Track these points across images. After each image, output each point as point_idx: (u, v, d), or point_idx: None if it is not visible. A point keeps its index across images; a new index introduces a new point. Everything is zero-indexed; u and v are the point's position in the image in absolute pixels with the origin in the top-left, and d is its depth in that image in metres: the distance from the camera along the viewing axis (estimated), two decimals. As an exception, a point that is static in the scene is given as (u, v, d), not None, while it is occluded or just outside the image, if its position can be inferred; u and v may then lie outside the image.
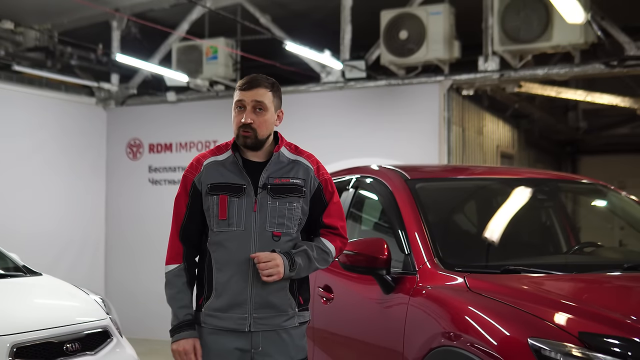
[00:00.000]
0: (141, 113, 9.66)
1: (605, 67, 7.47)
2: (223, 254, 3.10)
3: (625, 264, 3.75)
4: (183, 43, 9.16)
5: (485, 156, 9.48)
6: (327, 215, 3.22)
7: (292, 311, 3.15)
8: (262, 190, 3.10)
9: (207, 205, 3.13)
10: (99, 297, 4.53)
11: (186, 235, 3.20)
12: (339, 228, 3.24)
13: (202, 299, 3.17)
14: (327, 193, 3.22)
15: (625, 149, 14.01)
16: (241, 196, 3.09)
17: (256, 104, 3.09)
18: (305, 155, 3.25)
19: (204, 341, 3.14)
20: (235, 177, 3.12)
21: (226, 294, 3.09)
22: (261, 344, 3.09)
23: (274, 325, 3.11)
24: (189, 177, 3.19)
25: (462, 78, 7.97)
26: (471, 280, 3.40)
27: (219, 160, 3.18)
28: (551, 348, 2.74)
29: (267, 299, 3.08)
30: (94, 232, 9.59)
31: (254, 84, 3.12)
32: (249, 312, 3.07)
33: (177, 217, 3.21)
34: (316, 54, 8.04)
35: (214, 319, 3.11)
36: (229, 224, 3.08)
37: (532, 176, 4.83)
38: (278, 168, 3.14)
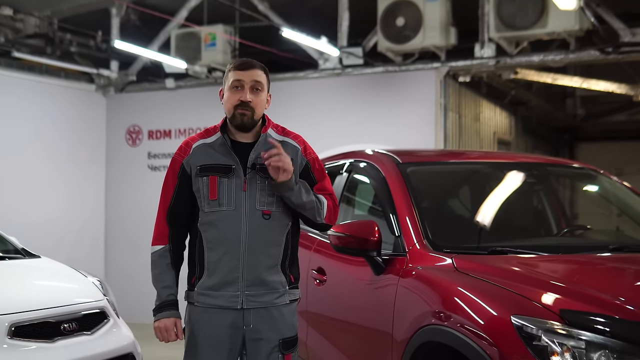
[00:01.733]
0: (140, 100, 9.72)
1: (600, 53, 7.51)
2: (214, 233, 3.17)
3: (610, 245, 3.83)
4: (182, 30, 9.20)
5: (482, 143, 9.53)
6: (317, 188, 3.29)
7: (283, 289, 3.22)
8: (251, 170, 3.17)
9: (197, 186, 3.20)
10: (96, 279, 4.61)
11: (173, 217, 3.27)
12: (331, 193, 3.32)
13: (195, 278, 3.24)
14: (315, 172, 3.30)
15: (623, 136, 14.03)
16: (230, 176, 3.16)
17: (255, 84, 3.17)
18: (292, 135, 3.32)
19: (197, 319, 3.21)
20: (224, 158, 3.19)
21: (218, 273, 3.16)
22: (252, 321, 3.16)
23: (266, 302, 3.17)
24: (178, 160, 3.26)
25: (459, 65, 8.02)
26: (458, 261, 3.47)
27: (207, 142, 3.25)
28: (533, 325, 2.81)
29: (258, 276, 3.16)
30: (93, 219, 9.66)
31: (252, 65, 3.20)
32: (241, 290, 3.15)
33: (164, 199, 3.29)
34: (314, 40, 8.09)
35: (207, 298, 3.18)
36: (220, 204, 3.15)
37: (522, 160, 4.90)
38: (266, 149, 3.19)
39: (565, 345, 2.72)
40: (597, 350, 2.69)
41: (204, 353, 3.18)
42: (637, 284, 3.40)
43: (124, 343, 4.24)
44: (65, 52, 9.37)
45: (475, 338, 2.98)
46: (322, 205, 3.26)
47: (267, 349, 3.18)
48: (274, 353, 3.18)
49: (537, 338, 2.78)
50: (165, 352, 7.43)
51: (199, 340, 3.20)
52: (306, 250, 4.63)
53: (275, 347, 3.18)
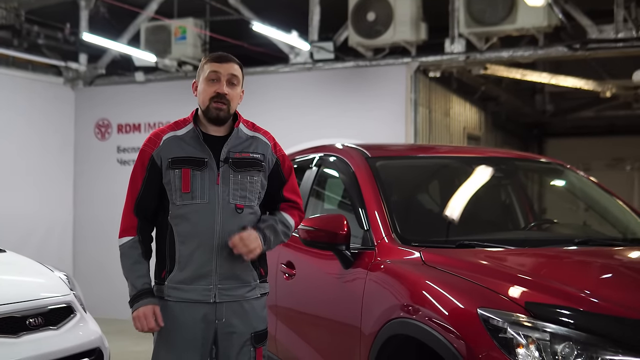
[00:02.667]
0: (109, 93, 9.63)
1: (568, 49, 7.59)
2: (186, 226, 3.15)
3: (576, 239, 3.87)
4: (152, 23, 9.13)
5: (452, 138, 9.59)
6: (287, 190, 3.34)
7: (255, 282, 3.24)
8: (224, 163, 3.17)
9: (167, 179, 3.17)
10: (63, 274, 4.56)
11: (140, 209, 3.24)
12: (299, 203, 3.38)
13: (165, 272, 3.21)
14: (284, 169, 3.34)
15: (591, 132, 14.22)
16: (203, 169, 3.16)
17: (231, 77, 3.19)
18: (262, 132, 3.35)
19: (168, 314, 3.18)
20: (197, 150, 3.18)
21: (190, 266, 3.15)
22: (225, 315, 3.16)
23: (238, 296, 3.18)
24: (147, 152, 3.23)
25: (429, 60, 8.06)
26: (427, 255, 3.49)
27: (178, 135, 3.23)
28: (499, 317, 2.84)
29: (231, 270, 3.16)
30: (61, 213, 9.56)
31: (229, 59, 3.22)
32: (214, 283, 3.15)
33: (132, 191, 3.25)
34: (284, 35, 8.08)
35: (178, 292, 3.16)
36: (193, 197, 3.13)
37: (490, 155, 4.94)
38: (238, 143, 3.21)
39: (531, 337, 2.74)
40: (561, 342, 2.71)
41: (175, 348, 3.16)
42: (601, 277, 3.45)
43: (90, 338, 4.20)
44: (33, 45, 9.25)
45: (442, 331, 2.99)
46: (290, 230, 3.34)
47: (239, 343, 3.18)
48: (246, 346, 3.19)
49: (502, 330, 2.80)
50: (134, 348, 7.40)
51: (170, 335, 3.17)
52: (275, 244, 4.62)
53: (247, 340, 3.19)
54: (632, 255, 3.79)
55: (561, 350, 2.70)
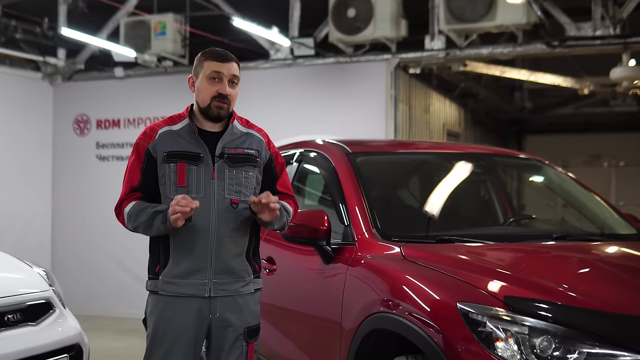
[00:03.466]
0: (88, 88, 9.56)
1: (546, 47, 7.66)
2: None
3: (554, 234, 3.92)
4: (131, 18, 9.08)
5: (432, 134, 9.63)
6: (280, 185, 3.36)
7: (249, 277, 3.25)
8: (219, 159, 3.19)
9: (162, 172, 3.18)
10: (42, 270, 4.52)
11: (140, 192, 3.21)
12: (293, 196, 3.41)
13: (159, 267, 3.20)
14: (277, 165, 3.36)
15: (569, 129, 14.35)
16: (199, 164, 3.17)
17: (232, 77, 3.23)
18: (256, 128, 3.38)
19: (162, 308, 3.18)
20: (192, 145, 3.20)
21: (185, 261, 3.15)
22: (219, 310, 3.18)
23: (232, 290, 3.19)
24: (143, 145, 3.22)
25: (409, 56, 8.09)
26: (407, 250, 3.51)
27: (173, 129, 3.24)
28: (478, 311, 2.86)
29: (226, 264, 3.17)
30: (40, 208, 9.49)
31: (230, 58, 3.25)
32: (209, 278, 3.16)
33: (130, 182, 3.21)
34: (265, 30, 8.07)
35: (173, 286, 3.17)
36: (189, 191, 3.13)
37: (469, 151, 4.97)
38: (233, 139, 3.25)
39: (510, 331, 2.77)
40: (539, 335, 2.74)
41: (169, 342, 3.16)
42: (579, 272, 3.49)
43: (70, 334, 4.16)
44: (11, 39, 9.15)
45: (422, 325, 3.01)
46: (290, 214, 3.34)
47: (232, 337, 3.19)
48: (239, 341, 3.21)
49: (482, 324, 2.82)
50: (114, 344, 7.38)
51: (164, 330, 3.17)
52: (256, 239, 4.62)
53: (240, 335, 3.21)
54: (609, 251, 3.84)
55: (539, 343, 2.73)
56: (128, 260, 8.84)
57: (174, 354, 3.15)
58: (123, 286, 8.99)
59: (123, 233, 3.39)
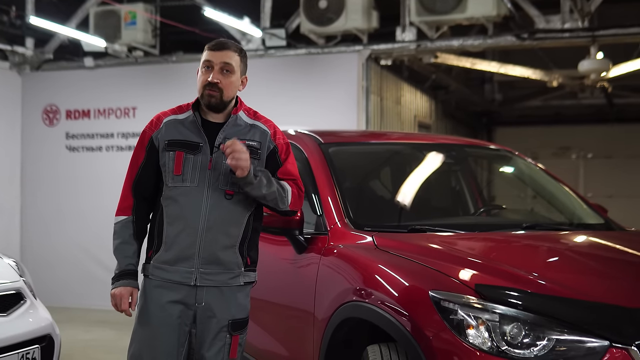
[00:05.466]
0: (58, 78, 9.45)
1: (516, 39, 7.73)
2: (175, 208, 3.19)
3: (524, 224, 3.97)
4: (101, 7, 8.98)
5: (403, 126, 9.68)
6: (281, 172, 3.31)
7: (239, 270, 3.24)
8: (218, 149, 3.20)
9: (163, 160, 3.23)
10: (12, 260, 4.48)
11: (138, 189, 3.29)
12: (296, 179, 3.35)
13: (152, 252, 3.26)
14: (282, 155, 3.32)
15: (538, 121, 14.49)
16: (197, 154, 3.20)
17: (224, 65, 3.20)
18: (263, 120, 3.37)
19: (149, 293, 3.24)
20: (193, 135, 3.22)
21: (175, 248, 3.19)
22: (205, 299, 3.19)
23: (219, 281, 3.20)
24: (148, 133, 3.29)
25: (380, 48, 8.12)
26: (379, 239, 3.54)
27: (178, 118, 3.28)
28: (449, 299, 2.90)
29: (214, 255, 3.18)
30: (9, 199, 9.37)
31: (224, 46, 3.22)
32: (195, 267, 3.17)
33: (131, 171, 3.31)
34: (236, 21, 8.05)
35: (161, 271, 3.21)
36: (183, 180, 3.18)
37: (441, 142, 5.02)
38: (235, 130, 3.24)
39: (481, 318, 2.81)
40: (510, 322, 2.79)
41: (153, 326, 3.21)
42: (548, 260, 3.55)
43: (41, 324, 4.14)
44: (-23, 28, 9.03)
45: (395, 313, 3.04)
46: (286, 193, 3.28)
47: (216, 328, 3.20)
48: (222, 333, 3.21)
49: (453, 312, 2.86)
50: (85, 336, 7.33)
51: (150, 313, 3.22)
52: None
53: (224, 326, 3.21)
54: (577, 240, 3.91)
55: (510, 330, 2.78)
56: (99, 251, 8.77)
57: (158, 338, 3.19)
58: (94, 278, 8.91)
59: (94, 224, 3.40)
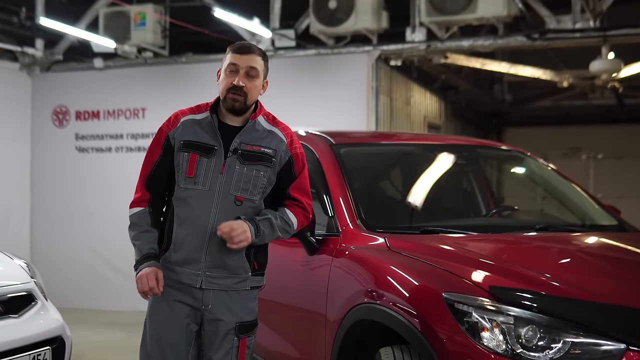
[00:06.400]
0: (67, 79, 9.46)
1: (527, 39, 7.70)
2: (185, 210, 3.19)
3: (537, 225, 3.94)
4: (110, 8, 8.99)
5: (413, 126, 9.65)
6: (294, 189, 3.30)
7: (245, 275, 3.23)
8: (233, 154, 3.19)
9: (177, 160, 3.22)
10: (23, 261, 4.48)
11: (152, 185, 3.28)
12: (304, 203, 3.32)
13: (161, 251, 3.26)
14: (297, 167, 3.30)
15: (548, 121, 14.43)
16: (211, 157, 3.18)
17: (250, 69, 3.18)
18: (281, 127, 3.34)
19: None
20: (209, 137, 3.21)
21: (183, 249, 3.19)
22: (211, 302, 3.19)
23: (225, 285, 3.19)
24: (165, 131, 3.28)
25: (390, 48, 8.10)
26: (391, 240, 3.52)
27: (196, 119, 3.26)
28: (463, 301, 2.88)
29: (221, 259, 3.17)
30: (18, 201, 9.39)
31: (250, 50, 3.21)
32: (202, 270, 3.17)
33: (146, 167, 3.30)
34: (246, 21, 8.04)
35: (169, 272, 3.21)
36: (195, 182, 3.17)
37: (452, 142, 4.99)
38: (252, 136, 3.22)
39: (495, 321, 2.79)
40: (525, 325, 2.76)
41: (162, 324, 3.22)
42: (561, 262, 3.52)
43: (52, 326, 4.14)
44: (-13, 29, 9.05)
45: (408, 316, 3.03)
46: (291, 227, 3.28)
47: (224, 331, 3.20)
48: (229, 335, 3.20)
49: (467, 314, 2.84)
50: (95, 337, 7.33)
51: (159, 311, 3.24)
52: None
53: (231, 329, 3.20)
54: (590, 241, 3.88)
55: (525, 333, 2.76)
56: (109, 252, 8.78)
57: (167, 336, 3.21)
58: (104, 279, 8.93)
59: (104, 225, 3.40)
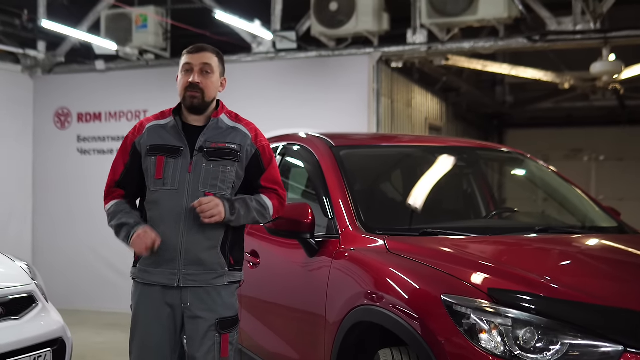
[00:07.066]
0: (69, 81, 9.49)
1: (528, 41, 7.70)
2: (157, 211, 3.26)
3: (536, 227, 3.95)
4: (112, 11, 9.01)
5: (414, 128, 9.66)
6: (265, 180, 3.39)
7: (222, 270, 3.29)
8: (198, 152, 3.26)
9: (145, 166, 3.30)
10: (24, 263, 4.49)
11: (123, 186, 3.36)
12: (277, 190, 3.42)
13: (137, 255, 3.32)
14: (264, 159, 3.38)
15: (549, 123, 14.43)
16: (177, 157, 3.25)
17: (204, 66, 3.28)
18: (244, 123, 3.43)
19: (138, 295, 3.31)
20: (174, 139, 3.29)
21: (158, 250, 3.23)
22: (190, 300, 3.24)
23: (203, 282, 3.25)
24: (131, 139, 3.36)
25: (391, 50, 8.11)
26: (390, 242, 3.52)
27: (160, 124, 3.35)
28: (462, 303, 2.88)
29: (196, 256, 3.23)
30: (21, 202, 9.41)
31: (202, 48, 3.32)
32: (178, 268, 3.23)
33: (113, 173, 3.38)
34: (247, 24, 8.05)
35: (146, 274, 3.28)
36: (164, 183, 3.24)
37: (452, 144, 5.00)
38: (216, 133, 3.31)
39: (493, 322, 2.79)
40: (523, 327, 2.77)
41: (145, 328, 3.28)
42: (561, 264, 3.52)
43: (53, 328, 4.15)
44: (-11, 31, 9.07)
45: (406, 317, 3.03)
46: (267, 210, 3.36)
47: (204, 328, 3.24)
48: (210, 332, 3.25)
49: (466, 316, 2.84)
50: (96, 339, 7.34)
51: (141, 316, 3.31)
52: (239, 233, 4.62)
53: (212, 326, 3.25)
54: (590, 243, 3.88)
55: (523, 335, 2.76)
56: (110, 254, 8.79)
57: (150, 339, 3.27)
58: (105, 280, 8.95)
59: (105, 227, 3.42)
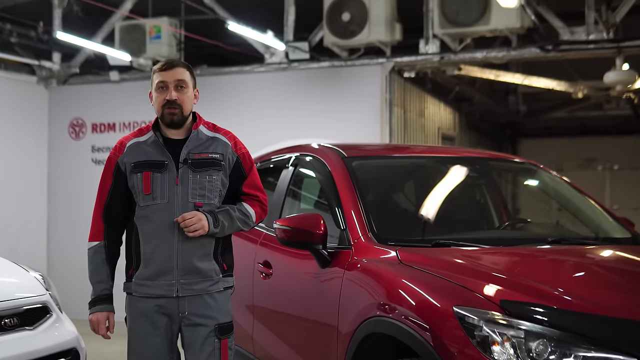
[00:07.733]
0: (84, 92, 9.56)
1: (540, 51, 7.69)
2: (149, 226, 3.33)
3: (549, 238, 3.93)
4: (126, 22, 9.08)
5: (427, 138, 9.65)
6: (247, 186, 3.48)
7: (217, 276, 3.39)
8: (183, 165, 3.33)
9: (132, 183, 3.35)
10: (38, 274, 4.53)
11: (109, 214, 3.43)
12: (259, 197, 3.51)
13: (132, 270, 3.41)
14: (245, 166, 3.48)
15: (563, 132, 14.38)
16: (163, 171, 3.32)
17: (178, 82, 3.34)
18: (222, 132, 3.50)
19: (135, 308, 3.38)
20: (157, 154, 3.35)
21: (153, 263, 3.32)
22: (188, 308, 3.32)
23: (200, 290, 3.33)
24: (113, 159, 3.43)
25: (404, 60, 8.12)
26: (403, 254, 3.52)
27: (141, 141, 3.41)
28: (474, 315, 2.87)
29: (192, 265, 3.31)
30: (36, 213, 9.47)
31: (173, 64, 3.38)
32: (176, 279, 3.31)
33: (100, 197, 3.45)
34: (260, 34, 8.09)
35: (144, 287, 3.35)
36: (154, 198, 3.31)
37: (465, 155, 4.99)
38: (197, 144, 3.38)
39: (506, 334, 2.79)
40: (535, 339, 2.76)
41: (143, 338, 3.34)
42: (574, 275, 3.51)
43: (67, 338, 4.18)
44: (5, 43, 9.14)
45: (419, 329, 3.03)
46: (250, 218, 3.45)
47: (204, 334, 3.32)
48: (210, 338, 3.33)
49: (478, 328, 2.84)
50: (110, 348, 7.33)
51: (138, 328, 3.36)
52: (252, 243, 4.63)
53: (211, 332, 3.33)
54: (604, 254, 3.86)
55: (535, 347, 2.75)
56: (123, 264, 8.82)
57: (148, 350, 3.34)
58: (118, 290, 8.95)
59: (119, 237, 3.47)
